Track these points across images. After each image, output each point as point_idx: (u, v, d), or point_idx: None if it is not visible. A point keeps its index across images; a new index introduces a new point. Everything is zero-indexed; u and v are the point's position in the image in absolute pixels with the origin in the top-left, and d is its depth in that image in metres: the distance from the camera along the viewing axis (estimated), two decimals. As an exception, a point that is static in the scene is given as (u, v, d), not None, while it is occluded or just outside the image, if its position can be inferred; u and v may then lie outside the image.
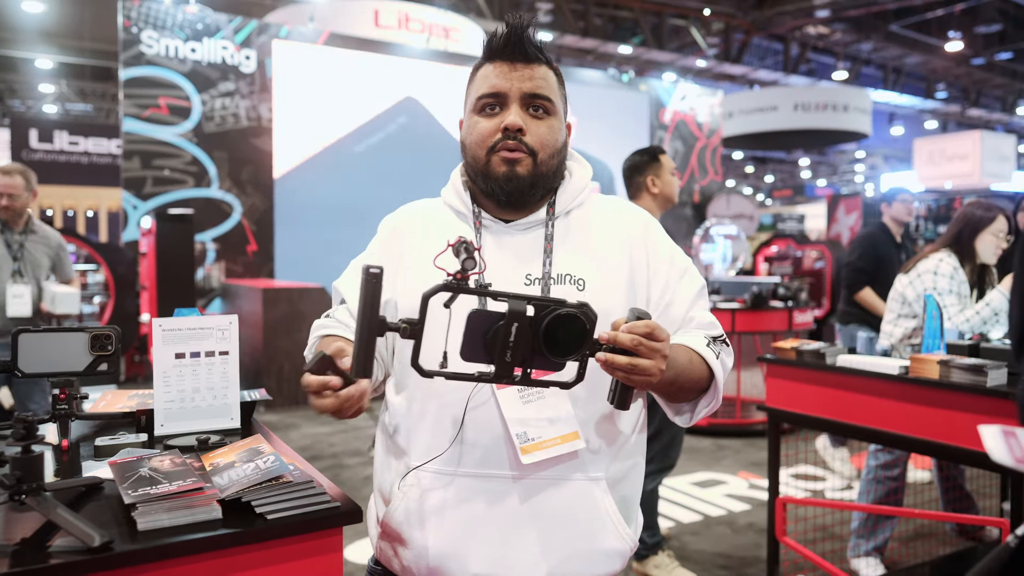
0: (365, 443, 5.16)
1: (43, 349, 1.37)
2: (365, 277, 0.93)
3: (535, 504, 1.15)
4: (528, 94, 1.21)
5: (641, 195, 3.08)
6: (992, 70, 18.41)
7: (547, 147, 1.22)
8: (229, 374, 1.47)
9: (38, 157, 14.66)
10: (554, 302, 0.98)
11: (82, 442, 1.39)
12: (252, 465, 1.08)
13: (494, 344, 0.97)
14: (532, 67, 1.21)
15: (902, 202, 4.35)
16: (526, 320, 0.97)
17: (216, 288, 7.75)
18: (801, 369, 2.68)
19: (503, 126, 1.19)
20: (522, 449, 1.12)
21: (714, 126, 11.96)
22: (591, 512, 1.17)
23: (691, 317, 1.26)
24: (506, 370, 0.98)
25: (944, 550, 3.38)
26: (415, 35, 10.40)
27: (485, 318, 0.98)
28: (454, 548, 1.15)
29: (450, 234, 1.22)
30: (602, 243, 1.25)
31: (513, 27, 1.20)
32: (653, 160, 3.05)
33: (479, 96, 1.23)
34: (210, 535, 0.94)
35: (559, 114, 1.25)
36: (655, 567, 3.04)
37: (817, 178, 31.23)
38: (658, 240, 1.29)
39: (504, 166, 1.19)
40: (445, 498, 1.16)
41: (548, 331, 0.97)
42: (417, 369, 0.98)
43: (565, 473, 1.16)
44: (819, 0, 13.31)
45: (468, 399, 1.15)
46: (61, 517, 0.91)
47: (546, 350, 0.98)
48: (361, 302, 0.93)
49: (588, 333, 0.99)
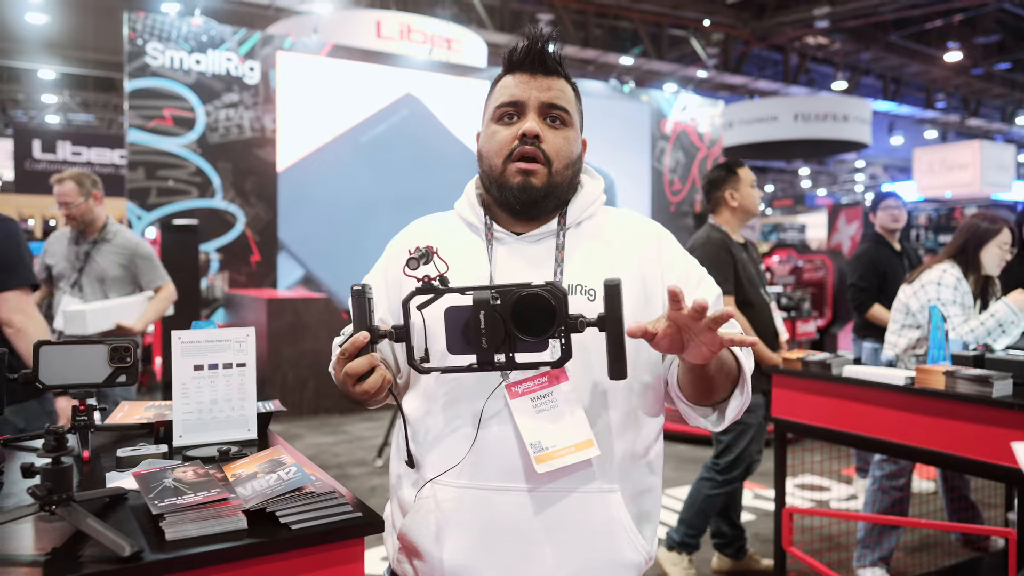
0: (370, 453, 5.17)
1: (63, 361, 1.39)
2: (351, 295, 1.06)
3: (550, 515, 1.16)
4: (546, 104, 1.23)
5: (720, 209, 3.16)
6: (991, 80, 18.50)
7: (562, 157, 1.23)
8: (246, 386, 1.48)
9: (41, 167, 14.70)
10: (516, 286, 1.04)
11: (101, 453, 1.40)
12: (275, 476, 1.10)
13: (469, 335, 1.05)
14: (551, 79, 1.24)
15: (885, 210, 4.25)
16: (491, 307, 1.04)
17: (220, 298, 7.77)
18: (807, 379, 2.70)
19: (520, 132, 1.21)
20: (537, 459, 1.12)
21: (715, 136, 12.00)
22: (606, 523, 1.17)
23: None
24: (487, 356, 1.06)
25: (949, 560, 3.38)
26: (417, 46, 10.46)
27: (458, 312, 1.06)
28: (469, 561, 1.15)
29: (460, 248, 1.26)
30: (614, 254, 1.25)
31: (533, 39, 1.23)
32: (731, 174, 3.14)
33: (498, 105, 1.25)
34: (237, 545, 0.95)
35: (575, 127, 1.27)
36: (672, 564, 3.10)
37: (817, 188, 31.31)
38: (672, 251, 1.29)
39: (519, 176, 1.21)
40: (461, 510, 1.16)
41: (515, 313, 1.03)
42: (414, 366, 1.09)
43: (579, 484, 1.16)
44: (819, 11, 13.39)
45: (482, 410, 1.16)
46: (91, 527, 0.93)
47: (518, 332, 1.03)
48: (352, 316, 1.07)
49: (555, 309, 1.03)
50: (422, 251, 1.09)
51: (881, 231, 4.28)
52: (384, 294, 1.32)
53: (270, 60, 8.30)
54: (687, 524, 3.11)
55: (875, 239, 4.29)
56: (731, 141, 16.44)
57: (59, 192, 3.55)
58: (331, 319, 6.59)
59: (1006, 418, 2.14)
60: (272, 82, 8.29)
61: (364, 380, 1.09)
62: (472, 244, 1.27)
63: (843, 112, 16.28)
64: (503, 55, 1.28)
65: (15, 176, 15.20)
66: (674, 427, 5.42)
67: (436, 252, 1.10)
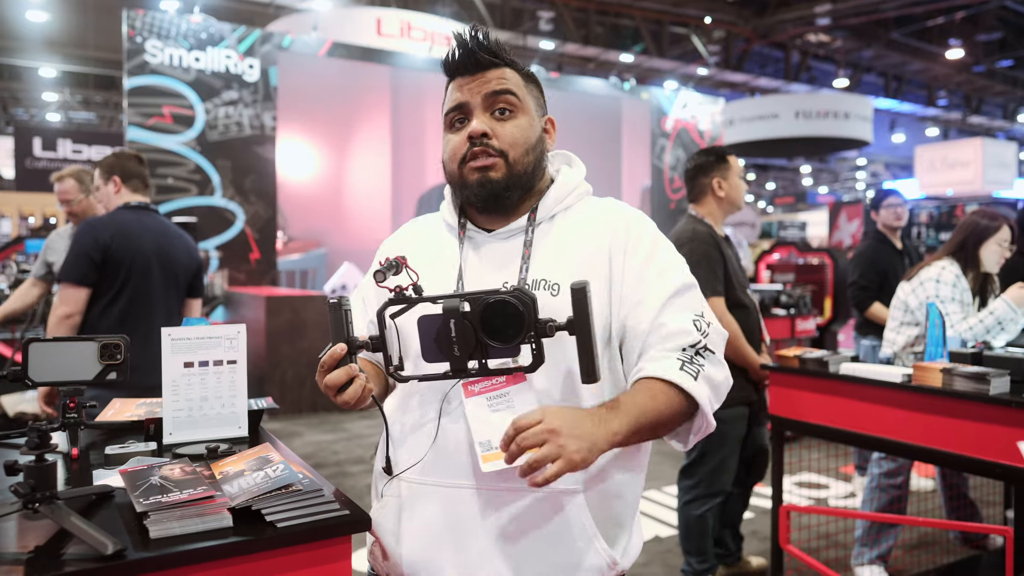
0: (368, 451, 5.17)
1: (53, 358, 1.38)
2: (329, 308, 1.08)
3: (507, 515, 1.14)
4: (488, 95, 1.21)
5: (704, 199, 2.91)
6: (993, 78, 18.45)
7: (518, 145, 1.21)
8: (237, 383, 1.48)
9: (41, 165, 14.69)
10: (484, 293, 1.05)
11: (91, 450, 1.40)
12: (262, 474, 1.09)
13: (440, 343, 1.06)
14: (487, 72, 1.22)
15: (888, 208, 4.19)
16: (460, 315, 1.05)
17: (219, 296, 7.76)
18: (804, 377, 2.69)
19: (467, 135, 1.20)
20: (483, 457, 1.09)
21: (715, 134, 11.98)
22: (564, 526, 1.14)
23: (661, 323, 1.15)
24: (460, 364, 1.07)
25: (948, 558, 3.37)
26: (417, 44, 10.45)
27: (431, 321, 1.07)
28: (426, 558, 1.16)
29: (437, 249, 1.27)
30: (583, 246, 1.21)
31: (460, 42, 1.22)
32: (720, 161, 2.89)
33: (446, 113, 1.25)
34: (221, 543, 0.95)
35: (528, 110, 1.24)
36: None
37: (819, 185, 31.26)
38: (640, 236, 1.22)
39: (476, 174, 1.20)
40: (417, 507, 1.17)
41: (484, 320, 1.04)
42: (391, 375, 1.13)
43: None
44: (820, 8, 13.36)
45: (440, 410, 1.16)
46: (74, 525, 0.92)
47: (488, 338, 1.05)
48: (331, 329, 1.08)
49: (523, 315, 1.04)
50: (391, 262, 1.10)
51: (883, 229, 4.25)
52: (375, 298, 1.30)
53: (269, 58, 8.29)
54: (692, 553, 2.90)
55: (876, 237, 4.26)
56: (732, 138, 16.41)
57: (60, 190, 3.59)
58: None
59: (1004, 415, 2.13)
60: (272, 80, 8.28)
61: (343, 391, 1.08)
62: (448, 244, 1.28)
63: (844, 110, 16.25)
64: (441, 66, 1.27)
65: (16, 174, 15.22)
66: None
67: (406, 262, 1.11)
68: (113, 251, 2.68)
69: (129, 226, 2.77)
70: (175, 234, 2.95)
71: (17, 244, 7.65)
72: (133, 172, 2.88)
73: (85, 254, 2.65)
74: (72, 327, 2.64)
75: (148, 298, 2.77)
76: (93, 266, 2.66)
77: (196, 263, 3.00)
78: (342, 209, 9.25)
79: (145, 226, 2.82)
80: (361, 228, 9.20)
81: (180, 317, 2.88)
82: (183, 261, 2.92)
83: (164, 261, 2.83)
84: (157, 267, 2.80)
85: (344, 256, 8.80)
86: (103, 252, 2.67)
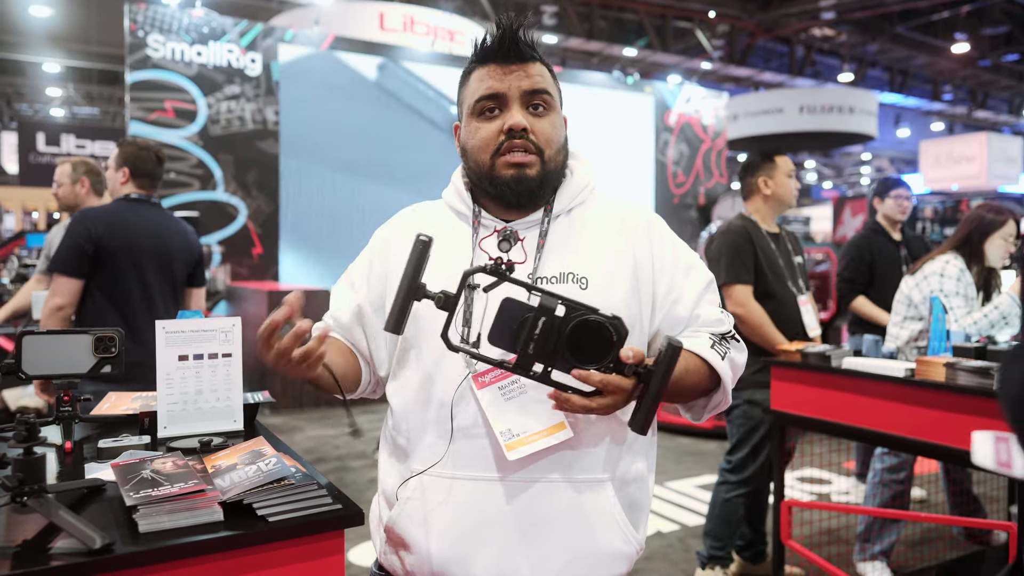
0: (370, 445, 5.16)
1: (47, 351, 1.37)
2: (415, 243, 1.02)
3: (536, 506, 1.14)
4: (527, 91, 1.20)
5: (753, 197, 3.07)
6: (999, 72, 18.35)
7: (552, 143, 1.22)
8: (232, 376, 1.47)
9: (45, 160, 14.72)
10: (587, 308, 1.00)
11: (85, 443, 1.39)
12: (254, 467, 1.08)
13: (519, 334, 1.00)
14: (527, 65, 1.21)
15: (895, 199, 3.94)
16: (554, 318, 1.00)
17: (222, 291, 7.76)
18: (806, 372, 2.67)
19: (507, 127, 1.18)
20: (507, 446, 1.10)
21: (719, 128, 11.93)
22: (594, 513, 1.16)
23: (697, 314, 1.23)
24: (527, 362, 1.02)
25: (951, 554, 3.36)
26: (420, 38, 10.42)
27: (517, 307, 1.01)
28: (457, 553, 1.14)
29: (446, 237, 1.23)
30: (605, 241, 1.23)
31: (507, 28, 1.20)
32: (767, 160, 3.04)
33: (477, 100, 1.21)
34: (211, 537, 0.93)
35: (558, 109, 1.25)
36: None
37: (823, 180, 31.17)
38: (662, 237, 1.27)
39: (511, 169, 1.18)
40: (445, 502, 1.15)
41: (574, 333, 1.00)
42: (445, 342, 1.03)
43: (567, 473, 1.15)
44: (825, 2, 13.29)
45: (452, 402, 1.15)
46: (62, 519, 0.91)
47: (569, 352, 1.00)
48: (408, 265, 1.01)
49: (614, 346, 1.00)
50: (507, 232, 1.17)
51: (883, 220, 4.01)
52: (365, 282, 1.29)
53: (271, 52, 8.27)
54: (712, 536, 2.96)
55: (872, 227, 4.04)
56: (736, 133, 16.34)
57: (56, 173, 3.62)
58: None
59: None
60: (274, 74, 8.26)
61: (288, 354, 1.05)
62: (459, 232, 1.25)
63: (849, 104, 16.16)
64: (474, 44, 1.24)
65: (19, 169, 15.25)
66: (676, 419, 5.40)
67: (523, 240, 1.17)
68: (106, 242, 2.67)
69: (124, 218, 2.76)
70: (173, 225, 2.93)
71: (19, 239, 7.66)
72: (145, 171, 2.88)
73: (77, 245, 2.64)
74: (64, 319, 2.63)
75: (143, 290, 2.76)
76: (85, 257, 2.64)
77: (195, 254, 2.99)
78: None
79: (141, 217, 2.81)
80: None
81: (176, 309, 2.87)
82: (180, 253, 2.90)
83: (159, 252, 2.82)
84: (152, 259, 2.79)
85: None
86: (95, 243, 2.65)
